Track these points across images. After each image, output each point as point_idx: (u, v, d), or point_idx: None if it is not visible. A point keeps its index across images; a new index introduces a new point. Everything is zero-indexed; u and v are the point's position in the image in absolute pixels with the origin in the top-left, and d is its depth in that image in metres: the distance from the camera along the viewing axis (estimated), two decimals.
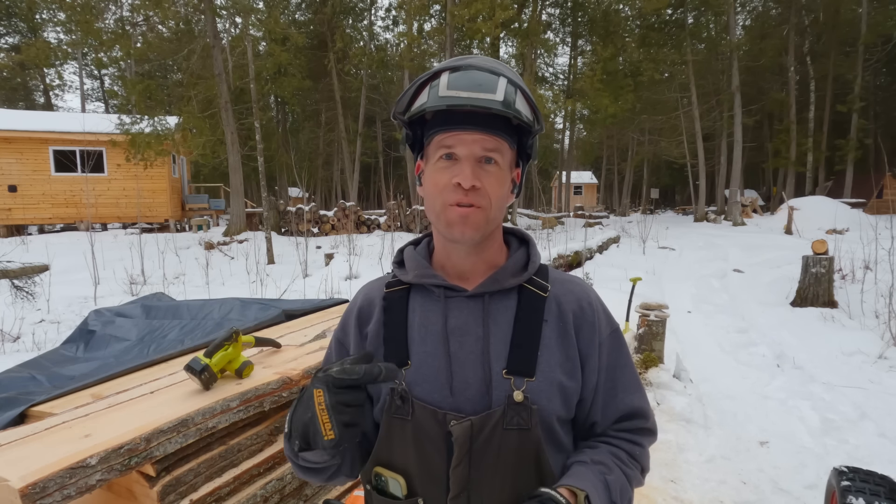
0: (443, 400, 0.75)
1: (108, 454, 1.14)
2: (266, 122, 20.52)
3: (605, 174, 40.88)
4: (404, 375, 0.78)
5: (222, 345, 1.55)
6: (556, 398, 0.76)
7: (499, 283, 0.79)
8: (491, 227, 0.78)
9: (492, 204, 0.75)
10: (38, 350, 4.72)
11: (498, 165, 0.75)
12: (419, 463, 0.76)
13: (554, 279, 0.84)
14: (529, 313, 0.78)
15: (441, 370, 0.76)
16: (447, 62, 0.75)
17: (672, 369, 4.04)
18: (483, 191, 0.74)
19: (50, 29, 26.10)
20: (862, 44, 21.28)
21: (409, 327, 0.81)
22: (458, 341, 0.77)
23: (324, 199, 34.42)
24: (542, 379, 0.75)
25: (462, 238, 0.76)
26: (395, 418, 0.77)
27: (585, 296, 0.83)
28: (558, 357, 0.77)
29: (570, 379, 0.77)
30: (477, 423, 0.72)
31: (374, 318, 0.85)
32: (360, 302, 0.88)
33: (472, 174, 0.72)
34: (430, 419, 0.75)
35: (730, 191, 19.99)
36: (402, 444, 0.77)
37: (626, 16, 20.96)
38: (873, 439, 3.13)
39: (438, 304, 0.80)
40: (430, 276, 0.81)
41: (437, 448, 0.75)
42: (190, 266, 8.98)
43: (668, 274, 8.78)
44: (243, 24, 14.61)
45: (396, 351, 0.80)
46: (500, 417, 0.72)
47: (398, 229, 14.48)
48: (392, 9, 23.30)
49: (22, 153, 14.29)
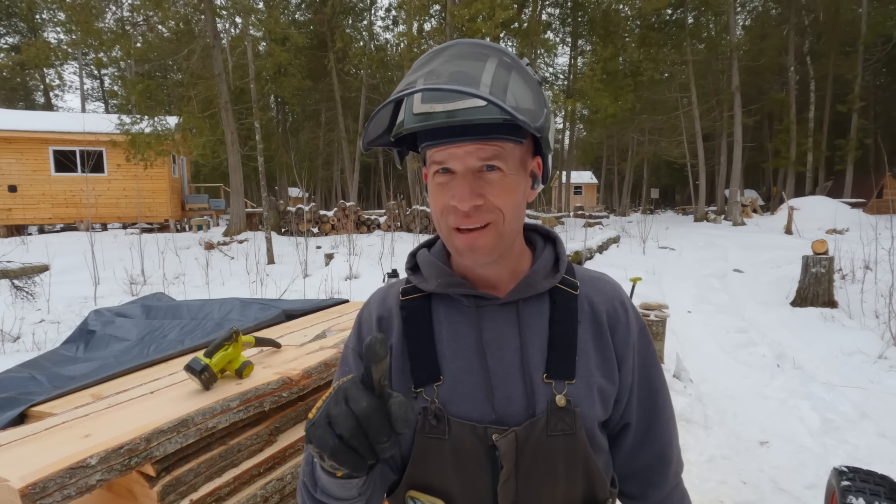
0: (484, 416, 0.70)
1: (108, 454, 1.13)
2: (266, 122, 20.53)
3: (605, 174, 40.88)
4: (436, 392, 0.72)
5: (222, 345, 1.55)
6: (596, 402, 0.72)
7: (532, 288, 0.74)
8: (507, 242, 0.70)
9: (504, 216, 0.67)
10: (38, 350, 4.72)
11: (502, 172, 0.65)
12: (461, 483, 0.70)
13: (582, 277, 0.79)
14: (564, 315, 0.74)
15: (478, 386, 0.71)
16: (417, 67, 0.64)
17: (672, 369, 4.05)
18: (488, 205, 0.65)
19: (50, 29, 26.14)
20: (862, 44, 21.29)
21: (438, 341, 0.74)
22: (496, 355, 0.72)
23: (324, 199, 34.42)
24: (581, 383, 0.72)
25: (474, 264, 0.71)
26: (430, 439, 0.71)
27: (617, 295, 0.79)
28: (595, 359, 0.74)
29: (609, 381, 0.74)
30: (521, 434, 0.68)
31: (394, 329, 0.77)
32: (376, 312, 0.80)
33: (470, 192, 0.64)
34: (470, 436, 0.69)
35: (730, 191, 20.00)
36: (440, 466, 0.71)
37: (626, 16, 20.97)
38: (873, 439, 3.13)
39: (467, 314, 0.74)
40: (456, 286, 0.74)
41: (480, 465, 0.69)
42: (190, 266, 8.98)
43: (668, 274, 8.78)
44: (243, 24, 14.62)
45: (426, 366, 0.73)
46: (545, 424, 0.69)
47: (398, 229, 14.47)
48: (392, 9, 23.32)
49: (22, 153, 14.29)
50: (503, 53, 0.64)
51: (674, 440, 0.84)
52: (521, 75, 0.64)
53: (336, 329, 2.25)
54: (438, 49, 0.65)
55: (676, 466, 0.85)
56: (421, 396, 0.72)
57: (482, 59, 0.62)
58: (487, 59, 0.62)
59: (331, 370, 1.81)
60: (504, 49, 0.65)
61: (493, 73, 0.60)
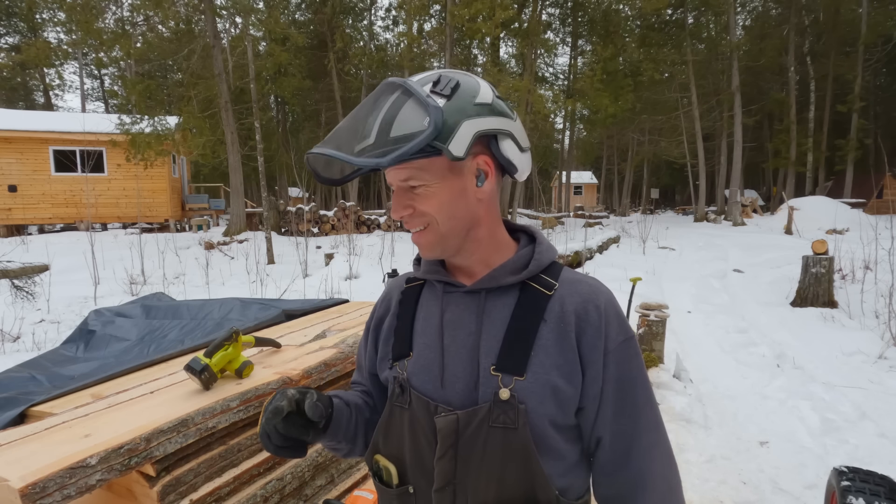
0: (434, 391, 0.77)
1: (108, 454, 1.14)
2: (266, 122, 20.52)
3: (605, 174, 40.87)
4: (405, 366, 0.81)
5: (222, 345, 1.55)
6: (548, 400, 0.72)
7: (496, 281, 0.78)
8: (453, 239, 0.77)
9: (437, 219, 0.75)
10: (38, 350, 4.72)
11: (425, 185, 0.73)
12: (411, 452, 0.79)
13: (564, 279, 0.80)
14: (527, 311, 0.76)
15: (434, 362, 0.78)
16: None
17: (672, 369, 4.05)
18: (418, 211, 0.75)
19: (50, 29, 26.13)
20: (862, 44, 21.28)
21: (416, 320, 0.84)
22: (451, 334, 0.79)
23: (324, 199, 34.37)
24: (533, 379, 0.72)
25: (429, 258, 0.82)
26: (395, 406, 0.81)
27: (593, 298, 0.77)
28: (555, 359, 0.73)
29: (568, 383, 0.73)
30: (463, 418, 0.73)
31: (391, 310, 0.89)
32: (384, 295, 0.94)
33: (398, 204, 0.76)
34: (424, 409, 0.77)
35: (730, 191, 20.00)
36: (399, 433, 0.81)
37: (626, 16, 20.95)
38: (873, 439, 3.13)
39: (439, 298, 0.83)
40: (434, 273, 0.84)
41: (428, 439, 0.76)
42: (190, 266, 8.99)
43: (668, 274, 8.78)
44: (243, 24, 14.62)
45: (402, 342, 0.83)
46: (486, 414, 0.72)
47: (398, 229, 14.47)
48: (392, 9, 23.33)
49: (22, 153, 14.29)
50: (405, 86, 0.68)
51: (656, 468, 0.77)
52: (417, 101, 0.67)
53: (336, 329, 2.25)
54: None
55: (662, 499, 0.78)
56: (396, 368, 0.82)
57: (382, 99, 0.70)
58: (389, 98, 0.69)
59: (331, 370, 1.81)
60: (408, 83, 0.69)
61: (385, 112, 0.68)
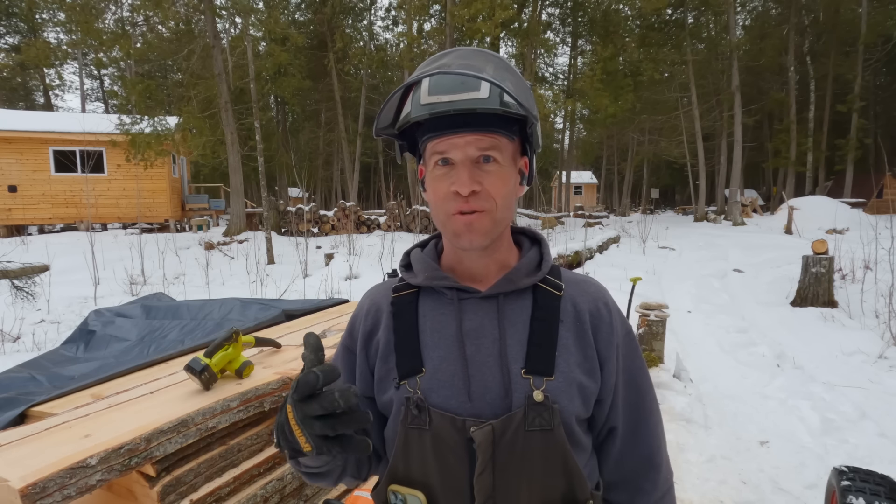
0: (460, 406, 0.72)
1: (108, 454, 1.14)
2: (266, 122, 20.53)
3: (605, 174, 40.88)
4: (418, 383, 0.74)
5: (222, 345, 1.55)
6: (576, 398, 0.73)
7: (513, 284, 0.77)
8: (500, 229, 0.76)
9: (497, 205, 0.72)
10: (38, 350, 4.72)
11: (498, 163, 0.72)
12: (441, 475, 0.72)
13: (568, 279, 0.82)
14: (546, 313, 0.76)
15: (457, 375, 0.73)
16: (427, 64, 0.73)
17: (672, 369, 4.05)
18: (484, 192, 0.71)
19: (50, 29, 26.13)
20: (862, 44, 21.28)
21: (421, 332, 0.77)
22: (474, 344, 0.74)
23: (324, 199, 34.42)
24: (561, 379, 0.73)
25: (470, 246, 0.74)
26: (412, 429, 0.73)
27: (601, 296, 0.81)
28: (577, 357, 0.75)
29: (590, 379, 0.75)
30: (498, 427, 0.70)
31: (382, 325, 0.81)
32: (366, 308, 0.85)
33: (469, 178, 0.70)
34: (450, 427, 0.71)
35: (730, 191, 19.99)
36: (421, 457, 0.73)
37: (626, 16, 20.94)
38: (873, 439, 3.13)
39: (451, 306, 0.77)
40: (440, 279, 0.78)
41: (459, 457, 0.71)
42: (190, 266, 8.98)
43: (668, 274, 8.78)
44: (243, 25, 14.61)
45: (409, 358, 0.76)
46: (522, 419, 0.70)
47: (398, 229, 14.48)
48: (392, 9, 23.32)
49: (22, 153, 14.29)
50: (500, 59, 0.74)
51: (662, 445, 0.84)
52: (515, 77, 0.73)
53: (336, 329, 2.25)
54: (445, 52, 0.75)
55: (666, 473, 0.84)
56: (404, 387, 0.75)
57: (484, 60, 0.72)
58: (488, 62, 0.72)
59: None
60: (501, 56, 0.75)
61: (494, 70, 0.71)
